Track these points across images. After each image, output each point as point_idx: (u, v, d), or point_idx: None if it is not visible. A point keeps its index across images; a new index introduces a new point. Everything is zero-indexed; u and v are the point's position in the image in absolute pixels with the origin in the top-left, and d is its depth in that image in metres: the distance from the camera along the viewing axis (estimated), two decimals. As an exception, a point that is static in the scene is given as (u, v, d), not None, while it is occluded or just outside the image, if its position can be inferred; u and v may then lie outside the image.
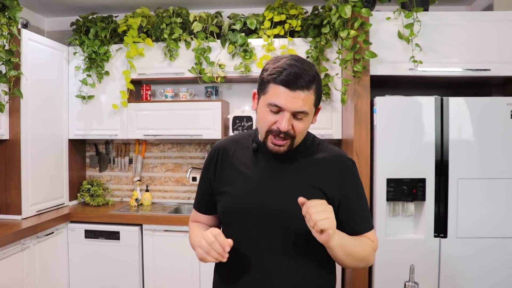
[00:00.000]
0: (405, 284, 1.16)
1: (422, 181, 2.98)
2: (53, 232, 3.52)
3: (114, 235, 3.59)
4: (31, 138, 3.46)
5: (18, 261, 3.10)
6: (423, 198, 2.98)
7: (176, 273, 3.57)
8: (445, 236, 2.99)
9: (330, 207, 1.33)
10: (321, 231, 1.30)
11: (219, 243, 1.37)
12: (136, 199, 4.03)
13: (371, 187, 3.10)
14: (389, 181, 3.00)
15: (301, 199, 1.33)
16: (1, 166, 3.38)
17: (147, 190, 4.14)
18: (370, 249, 1.54)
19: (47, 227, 3.41)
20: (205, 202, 1.71)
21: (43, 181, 3.63)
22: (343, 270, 3.51)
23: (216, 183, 1.63)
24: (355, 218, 1.55)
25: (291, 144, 1.47)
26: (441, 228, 2.99)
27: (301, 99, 1.39)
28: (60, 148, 3.91)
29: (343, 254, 1.41)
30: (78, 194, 4.14)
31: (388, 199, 3.00)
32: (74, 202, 4.14)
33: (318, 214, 1.29)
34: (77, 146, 4.22)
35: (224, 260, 1.37)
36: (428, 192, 2.98)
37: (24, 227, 3.15)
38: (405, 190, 2.99)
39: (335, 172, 1.55)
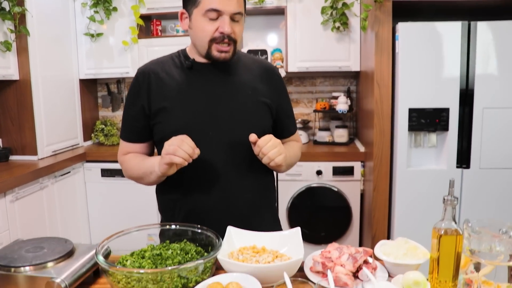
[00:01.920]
0: (444, 198, 1.09)
1: (446, 110, 2.88)
2: (69, 172, 3.52)
3: (131, 173, 3.57)
4: (41, 78, 3.39)
5: (38, 200, 3.13)
6: (446, 128, 2.90)
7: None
8: (467, 167, 2.92)
9: (278, 140, 1.45)
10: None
11: (188, 144, 1.36)
12: (151, 138, 3.99)
13: (392, 118, 3.01)
14: (411, 111, 2.91)
15: (252, 137, 1.43)
16: (14, 107, 3.34)
17: (161, 129, 4.08)
18: (299, 152, 1.78)
19: (63, 166, 3.42)
20: (135, 130, 1.62)
21: (56, 122, 3.59)
22: (362, 198, 3.50)
23: (152, 105, 1.54)
24: (289, 121, 1.74)
25: (234, 49, 1.51)
26: (464, 159, 2.93)
27: (235, 0, 1.43)
28: (71, 89, 3.84)
29: (285, 167, 1.60)
30: (92, 135, 4.11)
31: (410, 130, 2.92)
32: (89, 142, 4.12)
33: (273, 153, 1.42)
34: (89, 86, 4.15)
35: (190, 160, 1.37)
36: (452, 122, 2.89)
37: (41, 167, 3.15)
38: (427, 120, 2.90)
39: (270, 80, 1.64)
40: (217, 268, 1.30)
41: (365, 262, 1.24)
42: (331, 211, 3.52)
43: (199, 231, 1.40)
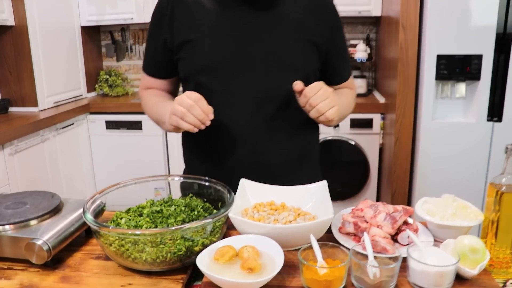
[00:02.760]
0: (507, 148, 0.88)
1: (478, 58, 2.61)
2: (73, 124, 3.34)
3: (136, 125, 3.39)
4: (39, 25, 3.15)
5: (39, 153, 2.97)
6: (477, 78, 2.64)
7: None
8: (499, 120, 2.68)
9: (330, 90, 1.18)
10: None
11: (200, 108, 1.12)
12: (157, 88, 3.78)
13: (418, 65, 2.75)
14: (440, 58, 2.64)
15: (298, 86, 1.17)
16: (11, 56, 3.12)
17: (168, 79, 3.86)
18: (353, 102, 1.50)
19: (65, 118, 3.23)
20: (157, 64, 1.41)
21: (57, 72, 3.38)
22: (380, 153, 3.29)
23: (176, 37, 1.30)
24: (343, 64, 1.46)
25: None
26: (495, 112, 2.68)
27: None
28: (72, 37, 3.60)
29: (336, 121, 1.26)
30: (96, 85, 3.90)
31: (437, 78, 2.66)
32: (93, 93, 3.92)
33: (324, 105, 1.15)
34: (91, 35, 3.91)
35: (202, 127, 1.14)
36: (485, 70, 2.62)
37: (41, 118, 2.98)
38: (457, 69, 2.64)
39: (321, 14, 1.33)
40: (229, 228, 1.11)
41: (405, 223, 1.04)
42: (348, 166, 3.33)
43: (207, 184, 1.20)
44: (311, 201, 1.15)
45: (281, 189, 1.19)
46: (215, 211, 1.16)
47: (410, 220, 1.06)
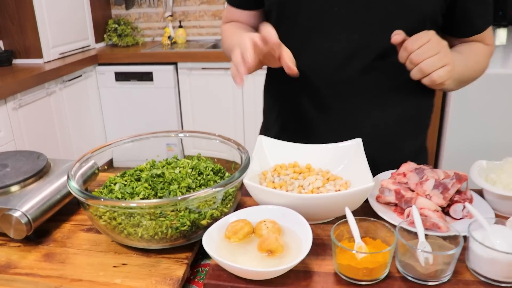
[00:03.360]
0: None
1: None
2: (80, 76, 3.16)
3: (147, 77, 3.20)
4: (40, -33, 2.92)
5: (45, 107, 2.81)
6: (521, 21, 2.37)
7: (217, 113, 3.23)
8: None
9: (443, 42, 0.89)
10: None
11: (240, 51, 0.85)
12: (169, 37, 3.56)
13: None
14: None
15: (396, 37, 0.89)
16: (12, 4, 2.91)
17: (180, 27, 3.63)
18: (485, 61, 1.11)
19: (72, 70, 3.05)
20: None
21: (62, 21, 3.17)
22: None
23: None
24: (479, 9, 1.03)
25: None
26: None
27: None
28: (77, -18, 3.37)
29: (453, 85, 1.01)
30: (105, 35, 3.69)
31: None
32: (101, 44, 3.71)
33: (429, 63, 0.86)
34: (98, -20, 3.66)
35: (239, 78, 0.86)
36: (530, 12, 2.35)
37: (47, 70, 2.79)
38: (499, 12, 2.37)
39: None
40: (243, 194, 0.94)
41: (458, 192, 0.85)
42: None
43: (217, 141, 1.01)
44: (342, 162, 0.96)
45: (305, 148, 0.99)
46: (227, 174, 0.98)
47: (461, 188, 0.87)
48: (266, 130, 1.24)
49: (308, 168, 0.96)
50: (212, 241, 0.73)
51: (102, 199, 0.79)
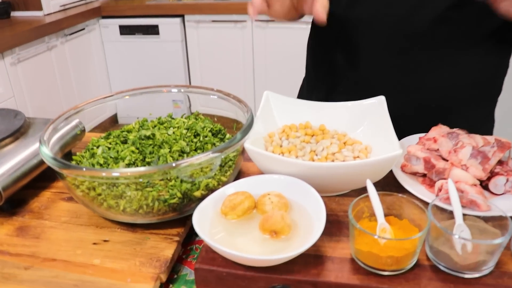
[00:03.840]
0: None
1: None
2: (83, 29, 3.01)
3: (153, 30, 3.03)
4: None
5: (46, 62, 2.69)
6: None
7: (226, 68, 3.07)
8: None
9: None
10: None
11: None
12: (175, -12, 3.37)
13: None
14: None
15: None
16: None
17: (187, -23, 3.43)
18: None
19: (74, 23, 2.89)
20: None
21: (62, -32, 3.00)
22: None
23: None
24: None
25: None
26: None
27: None
28: None
29: None
30: (109, -14, 3.51)
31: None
32: (105, -5, 3.54)
33: None
34: None
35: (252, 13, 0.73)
36: None
37: (46, 23, 2.65)
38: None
39: None
40: (246, 160, 0.82)
41: (499, 162, 0.72)
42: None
43: (215, 96, 0.88)
44: (362, 124, 0.83)
45: (319, 106, 0.86)
46: (228, 136, 0.85)
47: (503, 158, 0.74)
48: (310, 89, 1.09)
49: (321, 129, 0.83)
50: (206, 218, 0.61)
51: (75, 168, 0.67)
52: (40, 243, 0.69)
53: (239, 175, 0.78)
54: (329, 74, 1.02)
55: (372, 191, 0.59)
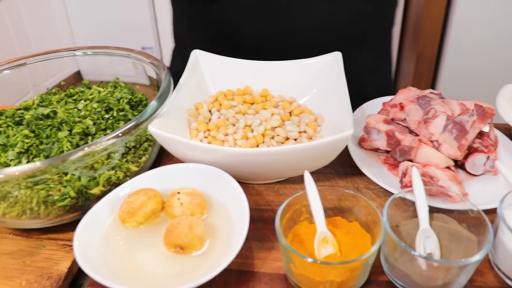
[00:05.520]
0: None
1: None
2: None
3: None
4: None
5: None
6: None
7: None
8: None
9: None
10: None
11: None
12: None
13: None
14: None
15: None
16: None
17: None
18: None
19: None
20: None
21: None
22: (406, 1, 2.68)
23: None
24: None
25: None
26: None
27: None
28: None
29: None
30: None
31: None
32: None
33: None
34: None
35: None
36: None
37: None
38: None
39: None
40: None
41: (480, 134, 0.58)
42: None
43: (127, 57, 0.72)
44: (314, 87, 0.67)
45: (263, 66, 0.70)
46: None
47: (486, 128, 0.59)
48: (185, 49, 0.85)
49: (264, 95, 0.67)
50: (97, 228, 0.47)
51: None
52: None
53: (158, 162, 0.63)
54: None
55: (310, 188, 0.45)
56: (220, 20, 0.78)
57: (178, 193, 0.49)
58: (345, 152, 0.60)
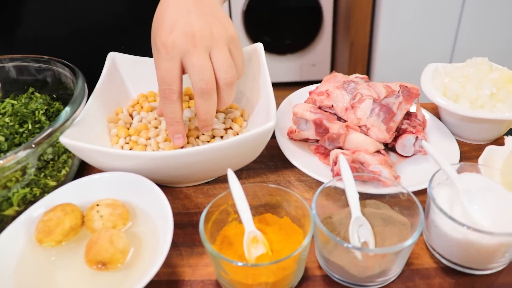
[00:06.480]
0: None
1: None
2: None
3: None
4: None
5: None
6: None
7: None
8: None
9: None
10: None
11: None
12: None
13: None
14: None
15: None
16: None
17: None
18: None
19: None
20: None
21: None
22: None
23: None
24: None
25: None
26: None
27: None
28: None
29: None
30: None
31: None
32: None
33: None
34: None
35: None
36: None
37: None
38: None
39: None
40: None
41: (408, 115, 0.58)
42: (298, 12, 2.76)
43: (37, 66, 0.67)
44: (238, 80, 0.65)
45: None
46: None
47: (413, 108, 0.60)
48: None
49: (188, 94, 0.64)
50: (8, 255, 0.43)
51: None
52: None
53: (81, 174, 0.59)
54: None
55: (234, 186, 0.43)
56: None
57: (97, 205, 0.45)
58: (275, 145, 0.58)
